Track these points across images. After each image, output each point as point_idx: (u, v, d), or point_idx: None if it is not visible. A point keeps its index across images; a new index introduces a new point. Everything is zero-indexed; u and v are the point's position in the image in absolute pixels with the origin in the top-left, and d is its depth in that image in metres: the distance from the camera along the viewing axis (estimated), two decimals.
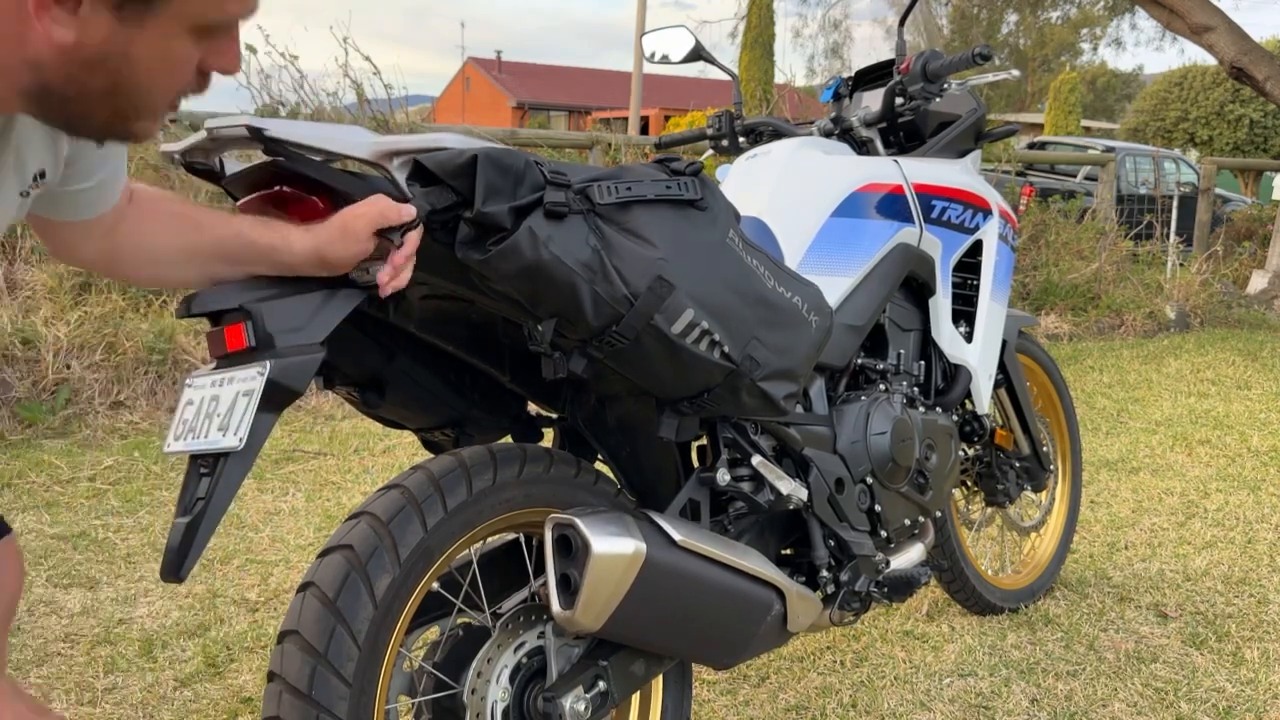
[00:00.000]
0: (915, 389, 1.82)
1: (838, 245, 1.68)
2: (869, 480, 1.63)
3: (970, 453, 2.18)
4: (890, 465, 1.64)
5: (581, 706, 1.25)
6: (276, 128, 0.99)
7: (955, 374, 1.92)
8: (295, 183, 1.05)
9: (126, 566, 2.41)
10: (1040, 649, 2.11)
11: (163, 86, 0.82)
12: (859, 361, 1.75)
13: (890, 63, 2.04)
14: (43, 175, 0.95)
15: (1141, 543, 2.73)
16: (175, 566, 0.95)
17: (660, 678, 1.44)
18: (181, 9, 0.78)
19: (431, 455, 1.35)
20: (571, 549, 1.20)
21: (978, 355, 1.94)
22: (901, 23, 2.07)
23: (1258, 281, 7.74)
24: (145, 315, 3.96)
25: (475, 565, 1.28)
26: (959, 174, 1.94)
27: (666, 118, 18.20)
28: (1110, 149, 11.03)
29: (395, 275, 1.02)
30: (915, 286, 1.88)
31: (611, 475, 1.43)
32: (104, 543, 2.55)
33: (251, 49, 4.74)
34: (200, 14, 0.79)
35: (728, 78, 2.14)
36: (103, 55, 0.76)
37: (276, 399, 0.98)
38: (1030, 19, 27.93)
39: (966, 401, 1.99)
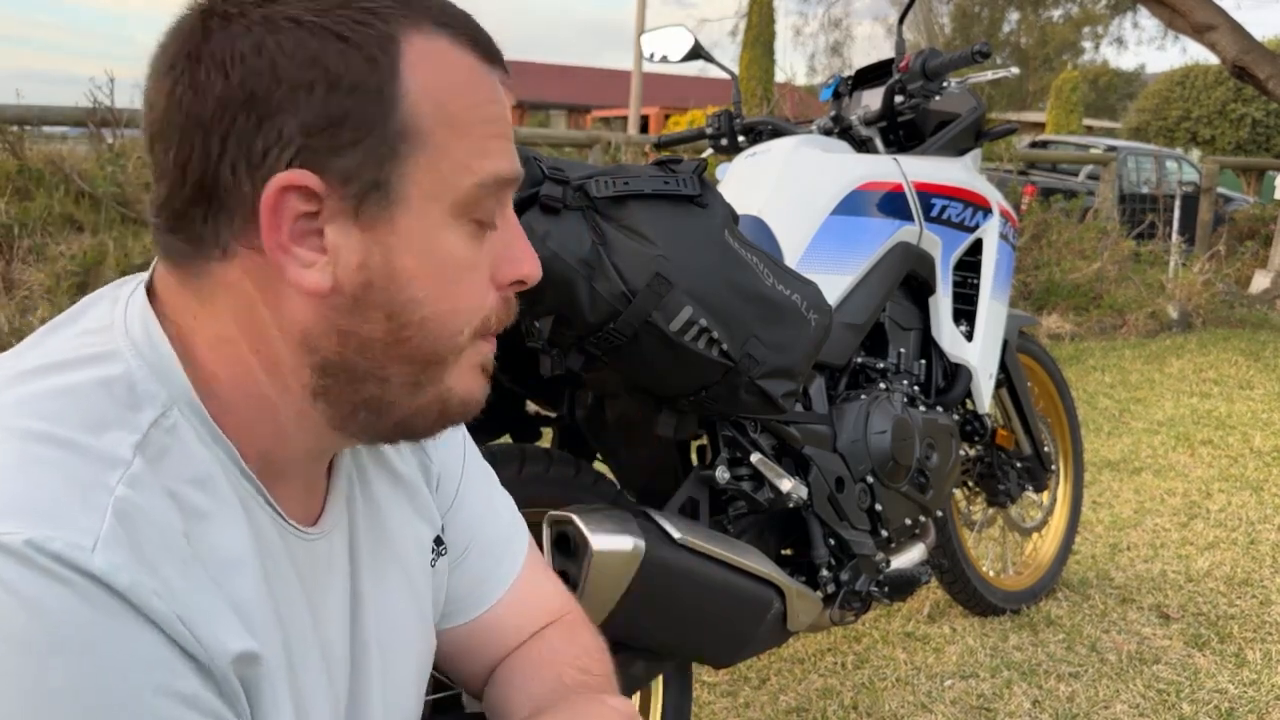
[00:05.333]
0: (916, 388, 1.81)
1: (837, 243, 1.67)
2: (869, 479, 1.62)
3: (971, 453, 2.17)
4: (891, 464, 1.63)
5: None
6: None
7: (956, 373, 1.91)
8: None
9: None
10: (1042, 650, 2.10)
11: (452, 307, 0.61)
12: (859, 360, 1.74)
13: (890, 61, 2.03)
14: (440, 541, 0.77)
15: (1144, 543, 2.72)
16: None
17: (660, 679, 1.44)
18: (426, 183, 0.58)
19: None
20: (570, 546, 1.19)
21: (978, 354, 1.94)
22: (901, 21, 2.07)
23: (1260, 281, 7.72)
24: None
25: None
26: (959, 172, 1.93)
27: (666, 116, 18.21)
28: (1112, 148, 11.02)
29: None
30: (915, 285, 1.87)
31: (611, 474, 1.43)
32: None
33: None
34: (453, 183, 0.59)
35: (728, 76, 2.13)
36: (365, 284, 0.58)
37: None
38: (1032, 17, 27.91)
39: (967, 401, 1.98)
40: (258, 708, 0.58)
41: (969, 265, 1.98)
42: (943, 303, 1.88)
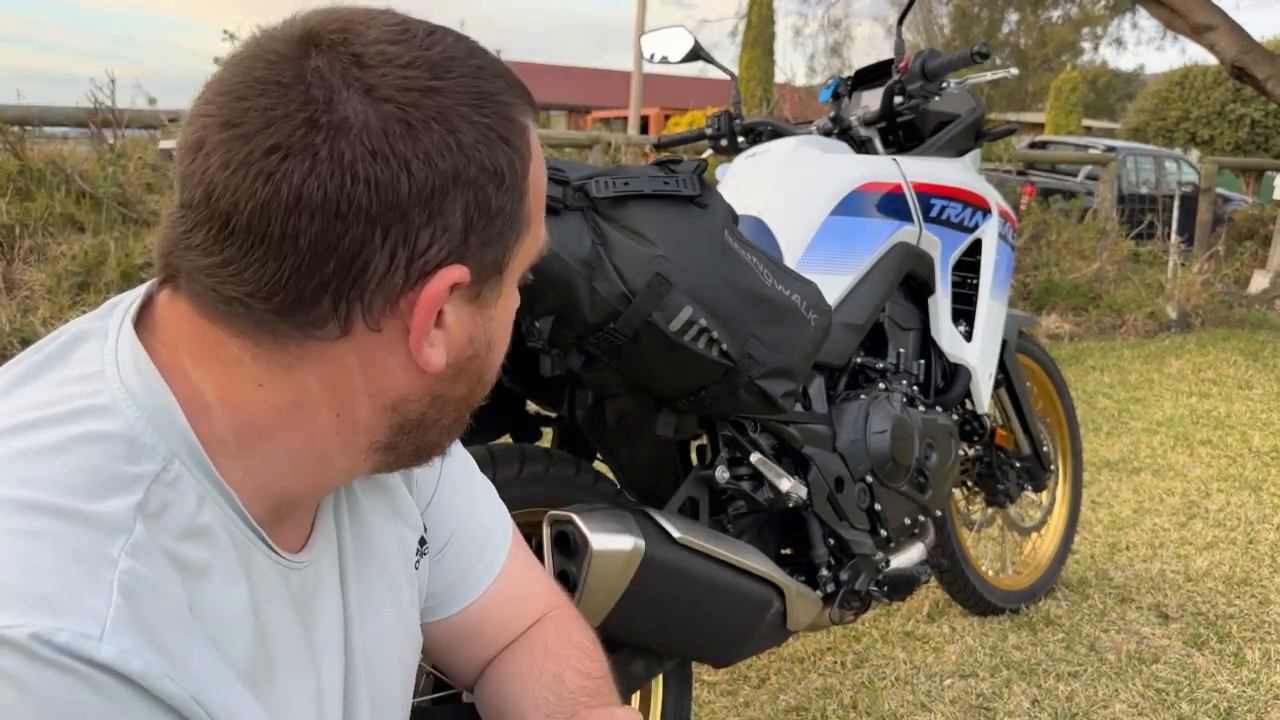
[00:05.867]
0: (915, 388, 1.81)
1: (837, 244, 1.68)
2: (869, 479, 1.62)
3: (970, 453, 2.17)
4: (890, 464, 1.63)
5: None
6: None
7: (955, 373, 1.91)
8: None
9: None
10: (1041, 650, 2.10)
11: (502, 352, 0.66)
12: (858, 360, 1.74)
13: (889, 62, 2.04)
14: (423, 542, 0.77)
15: (1143, 543, 2.72)
16: None
17: (660, 678, 1.44)
18: (520, 262, 0.63)
19: None
20: (570, 546, 1.19)
21: (977, 354, 1.94)
22: (900, 22, 2.07)
23: (1259, 281, 7.73)
24: None
25: None
26: (958, 173, 1.94)
27: (666, 117, 18.20)
28: (1111, 148, 11.02)
29: None
30: (915, 285, 1.87)
31: (610, 474, 1.43)
32: None
33: None
34: (530, 258, 0.64)
35: (727, 77, 2.13)
36: (471, 356, 0.62)
37: None
38: (1031, 18, 27.91)
39: (966, 401, 1.98)
40: None
41: (968, 265, 1.99)
42: (942, 303, 1.88)
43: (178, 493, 0.54)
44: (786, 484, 1.43)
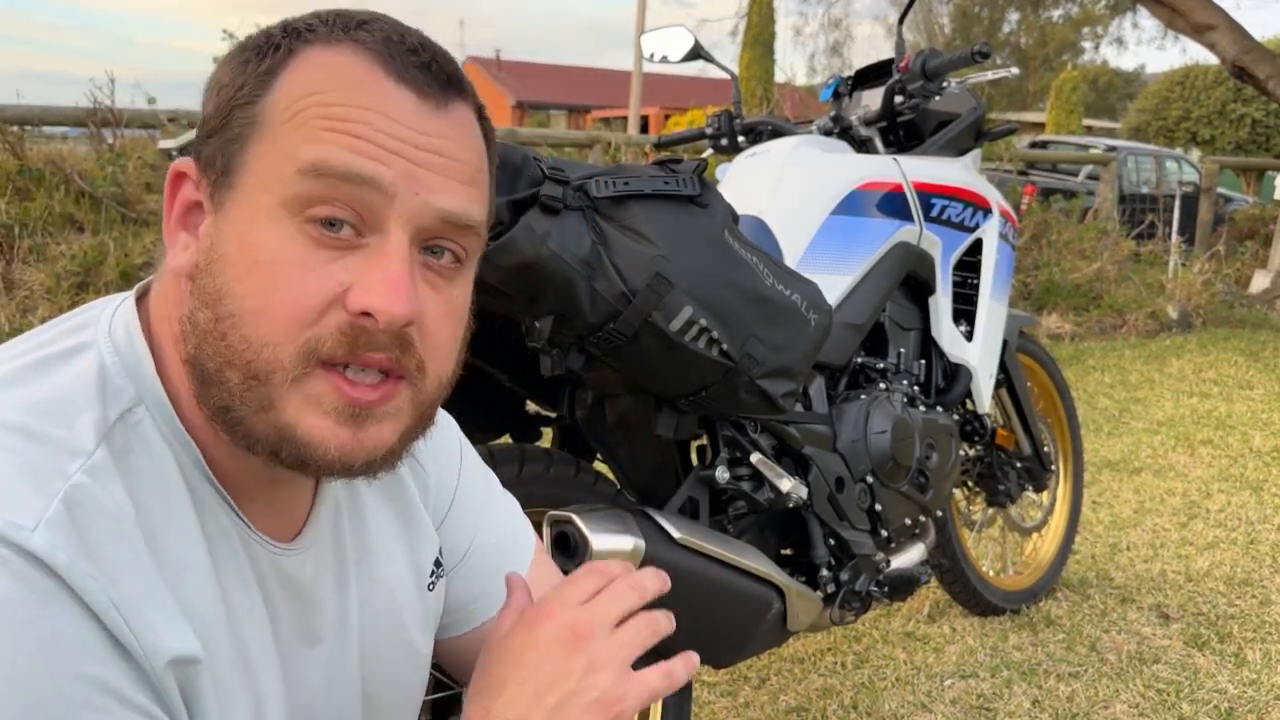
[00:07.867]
0: (915, 388, 1.81)
1: (837, 244, 1.67)
2: (869, 479, 1.62)
3: (971, 453, 2.17)
4: (890, 464, 1.63)
5: None
6: None
7: (956, 373, 1.91)
8: None
9: None
10: (1042, 650, 2.10)
11: (258, 306, 0.56)
12: (859, 360, 1.74)
13: (890, 61, 2.03)
14: (439, 563, 0.77)
15: (1143, 543, 2.72)
16: None
17: None
18: (260, 170, 0.57)
19: None
20: (570, 546, 1.19)
21: (978, 354, 1.94)
22: (900, 21, 2.07)
23: (1260, 281, 7.73)
24: None
25: None
26: (959, 172, 1.93)
27: (666, 116, 18.18)
28: (1112, 148, 11.01)
29: None
30: (915, 285, 1.87)
31: (610, 474, 1.43)
32: None
33: None
34: (279, 172, 0.56)
35: (727, 76, 2.13)
36: (207, 263, 0.58)
37: None
38: (1031, 18, 27.91)
39: (967, 401, 1.98)
40: (196, 708, 0.57)
41: (969, 265, 1.98)
42: (942, 303, 1.88)
43: (139, 435, 0.58)
44: (787, 484, 1.43)
